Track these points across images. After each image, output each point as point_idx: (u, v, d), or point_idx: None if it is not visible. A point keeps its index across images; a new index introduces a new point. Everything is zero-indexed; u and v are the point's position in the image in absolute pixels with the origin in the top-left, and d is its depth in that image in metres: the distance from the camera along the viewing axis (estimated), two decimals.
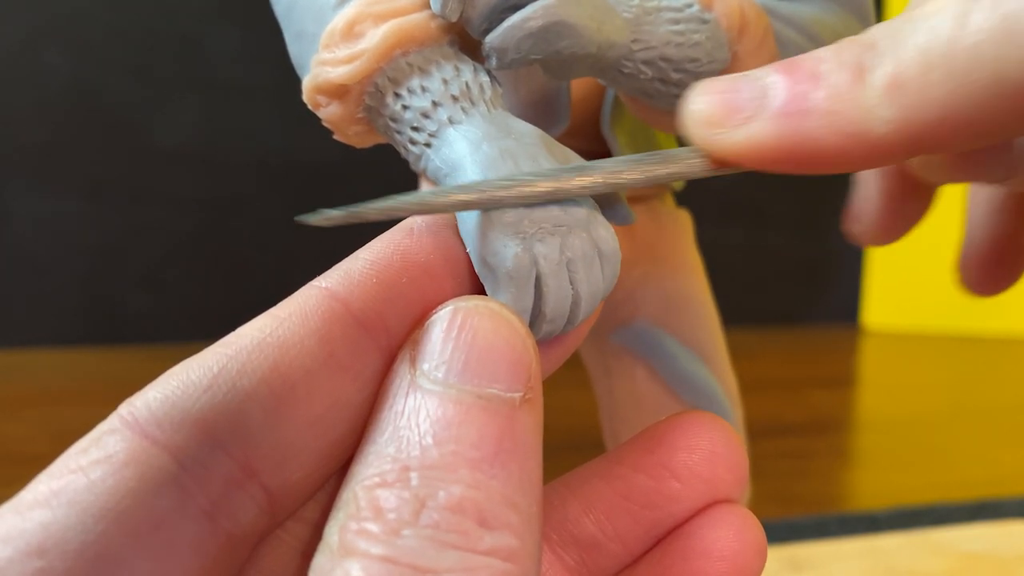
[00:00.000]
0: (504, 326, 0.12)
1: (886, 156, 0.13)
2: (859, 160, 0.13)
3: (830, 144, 0.13)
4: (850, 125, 0.13)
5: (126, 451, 0.11)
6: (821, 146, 0.13)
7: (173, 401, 0.12)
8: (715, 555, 0.14)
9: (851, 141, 0.13)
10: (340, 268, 0.13)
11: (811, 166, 0.14)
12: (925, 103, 0.12)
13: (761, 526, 0.15)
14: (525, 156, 0.14)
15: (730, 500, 0.15)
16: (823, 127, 0.13)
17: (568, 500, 0.15)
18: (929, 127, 0.13)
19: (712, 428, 0.15)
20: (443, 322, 0.12)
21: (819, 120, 0.13)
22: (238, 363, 0.12)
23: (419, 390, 0.12)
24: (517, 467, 0.11)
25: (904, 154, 0.13)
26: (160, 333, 0.65)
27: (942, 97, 0.12)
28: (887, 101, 0.13)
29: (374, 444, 0.12)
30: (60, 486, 0.11)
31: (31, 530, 0.11)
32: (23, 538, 0.11)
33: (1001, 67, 0.12)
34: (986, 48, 0.12)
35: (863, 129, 0.13)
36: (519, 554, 0.11)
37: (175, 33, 0.61)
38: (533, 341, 0.12)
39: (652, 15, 0.17)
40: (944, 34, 0.12)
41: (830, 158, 0.13)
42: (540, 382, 0.12)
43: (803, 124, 0.13)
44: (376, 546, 0.10)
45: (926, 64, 0.12)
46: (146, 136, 0.62)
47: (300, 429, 0.12)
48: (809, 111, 0.13)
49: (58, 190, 0.61)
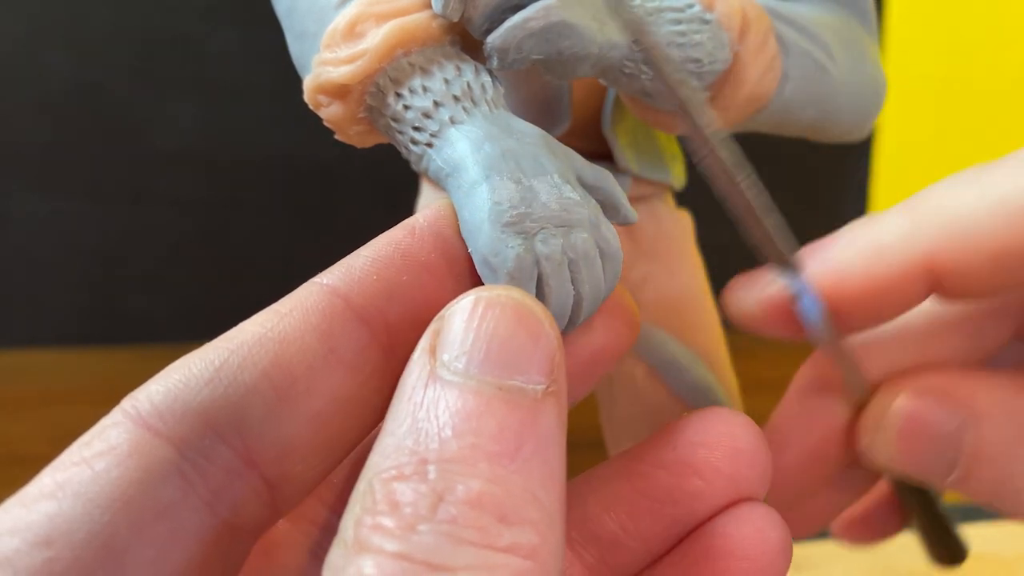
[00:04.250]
0: (527, 316, 0.12)
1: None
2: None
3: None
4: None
5: (129, 443, 0.11)
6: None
7: (175, 394, 0.12)
8: (738, 554, 0.14)
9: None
10: (342, 265, 0.13)
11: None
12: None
13: (785, 525, 0.15)
14: (527, 156, 0.14)
15: (753, 498, 0.15)
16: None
17: (587, 497, 0.15)
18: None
19: (734, 425, 0.15)
20: (464, 312, 0.12)
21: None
22: (239, 357, 0.12)
23: (439, 381, 0.11)
24: (539, 461, 0.11)
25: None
26: (160, 333, 0.65)
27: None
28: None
29: (392, 435, 0.11)
30: (65, 478, 0.11)
31: (38, 521, 0.11)
32: (30, 529, 0.11)
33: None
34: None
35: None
36: (540, 552, 0.10)
37: (175, 33, 0.61)
38: (558, 332, 0.12)
39: (654, 16, 0.17)
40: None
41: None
42: (564, 374, 0.12)
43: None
44: (391, 542, 0.10)
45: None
46: (146, 136, 0.62)
47: (300, 423, 0.12)
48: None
49: (58, 190, 0.61)
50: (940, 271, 0.15)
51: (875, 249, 0.16)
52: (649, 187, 0.23)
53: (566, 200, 0.14)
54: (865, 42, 0.21)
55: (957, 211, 0.15)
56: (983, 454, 0.16)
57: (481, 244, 0.13)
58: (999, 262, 0.15)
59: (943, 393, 0.17)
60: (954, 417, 0.16)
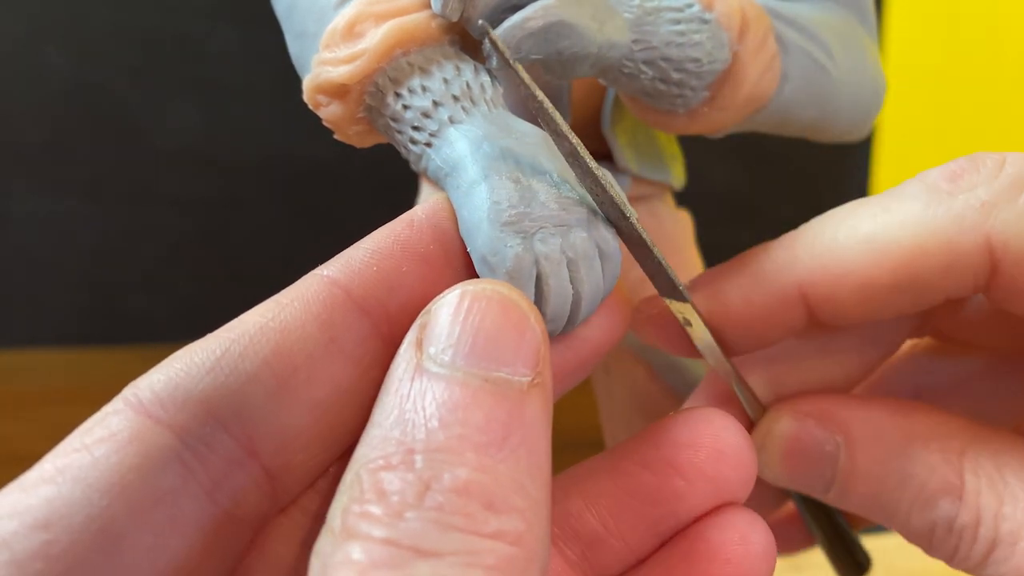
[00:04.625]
0: (512, 309, 0.12)
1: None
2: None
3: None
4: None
5: (130, 430, 0.11)
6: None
7: (177, 382, 0.12)
8: (721, 558, 0.14)
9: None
10: (342, 257, 0.13)
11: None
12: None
13: (769, 530, 0.15)
14: (526, 155, 0.14)
15: (735, 501, 0.15)
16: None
17: (571, 494, 0.15)
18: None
19: (719, 426, 0.15)
20: (451, 305, 0.12)
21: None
22: (240, 346, 0.12)
23: (425, 373, 0.12)
24: (526, 451, 0.11)
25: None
26: (160, 333, 0.65)
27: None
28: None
29: (379, 427, 0.11)
30: (65, 463, 0.11)
31: (36, 505, 0.11)
32: (29, 513, 0.11)
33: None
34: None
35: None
36: (526, 538, 0.11)
37: (175, 33, 0.61)
38: (543, 325, 0.12)
39: (653, 15, 0.17)
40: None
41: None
42: (549, 366, 0.12)
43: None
44: (378, 528, 0.10)
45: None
46: (146, 136, 0.62)
47: (301, 412, 0.12)
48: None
49: (58, 190, 0.61)
50: (812, 301, 0.17)
51: (754, 279, 0.17)
52: (649, 187, 0.23)
53: (565, 200, 0.14)
54: (865, 42, 0.21)
55: (829, 246, 0.16)
56: (857, 472, 0.17)
57: (480, 243, 0.13)
58: (865, 294, 0.16)
59: (821, 416, 0.18)
60: (831, 438, 0.18)
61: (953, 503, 0.16)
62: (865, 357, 0.19)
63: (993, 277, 0.15)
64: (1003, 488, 0.16)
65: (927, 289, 0.16)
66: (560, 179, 0.14)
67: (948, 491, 0.16)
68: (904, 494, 0.17)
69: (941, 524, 0.16)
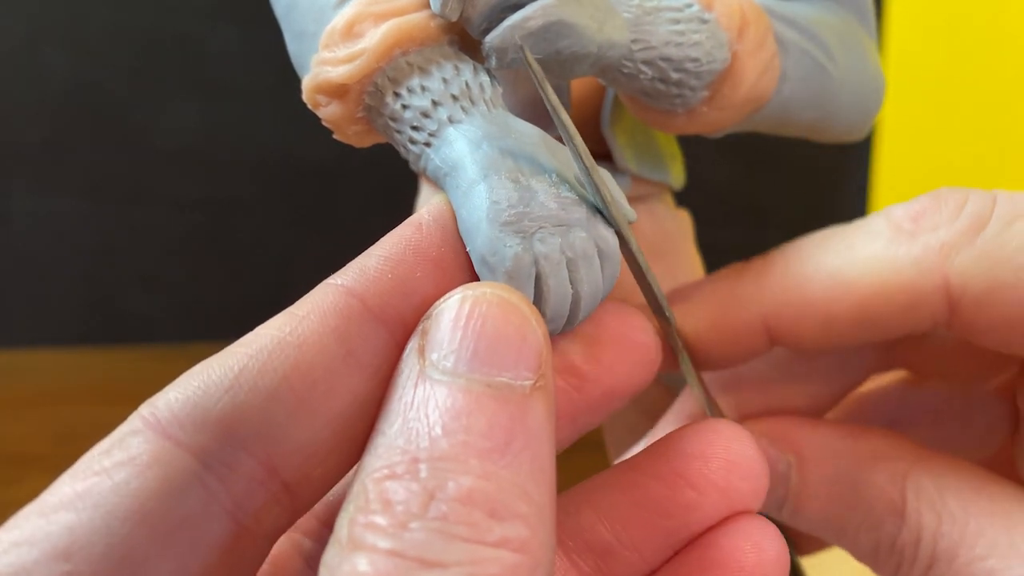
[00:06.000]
0: (513, 313, 0.12)
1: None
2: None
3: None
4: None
5: (149, 453, 0.11)
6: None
7: (195, 402, 0.12)
8: (734, 567, 0.14)
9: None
10: (355, 265, 0.13)
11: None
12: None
13: (783, 538, 0.15)
14: (525, 155, 0.14)
15: (748, 510, 0.15)
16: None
17: (583, 507, 0.15)
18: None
19: (730, 437, 0.15)
20: (451, 311, 0.12)
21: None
22: (258, 362, 0.12)
23: (428, 380, 0.12)
24: (528, 456, 0.11)
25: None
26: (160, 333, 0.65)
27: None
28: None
29: (383, 436, 0.11)
30: (85, 488, 0.11)
31: (57, 533, 0.11)
32: (48, 541, 0.11)
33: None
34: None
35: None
36: (530, 544, 0.11)
37: (175, 33, 0.61)
38: (544, 328, 0.12)
39: (652, 15, 0.17)
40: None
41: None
42: (551, 370, 0.12)
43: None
44: (384, 540, 0.10)
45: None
46: (146, 136, 0.62)
47: (321, 426, 0.12)
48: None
49: (58, 190, 0.61)
50: (775, 332, 0.17)
51: (722, 304, 0.18)
52: (648, 187, 0.23)
53: (564, 199, 0.14)
54: (865, 42, 0.21)
55: (797, 281, 0.17)
56: (808, 492, 0.18)
57: (479, 243, 0.13)
58: (827, 327, 0.17)
59: (774, 436, 0.19)
60: (783, 458, 0.18)
61: (895, 522, 0.17)
62: (832, 385, 0.20)
63: (953, 315, 0.16)
64: (942, 508, 0.16)
65: (889, 325, 0.16)
66: (560, 179, 0.14)
67: (891, 511, 0.17)
68: (853, 513, 0.17)
69: (884, 542, 0.17)
